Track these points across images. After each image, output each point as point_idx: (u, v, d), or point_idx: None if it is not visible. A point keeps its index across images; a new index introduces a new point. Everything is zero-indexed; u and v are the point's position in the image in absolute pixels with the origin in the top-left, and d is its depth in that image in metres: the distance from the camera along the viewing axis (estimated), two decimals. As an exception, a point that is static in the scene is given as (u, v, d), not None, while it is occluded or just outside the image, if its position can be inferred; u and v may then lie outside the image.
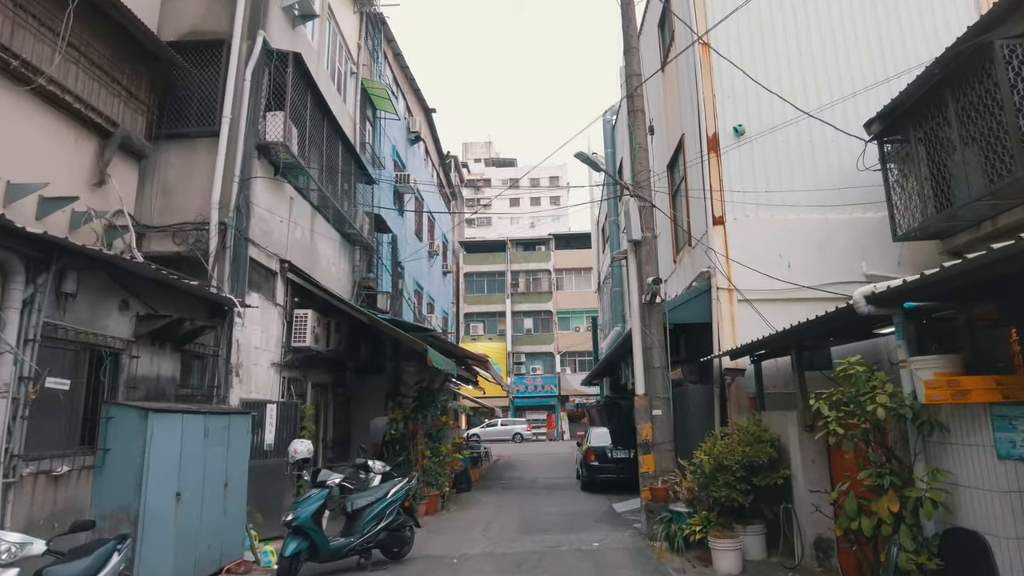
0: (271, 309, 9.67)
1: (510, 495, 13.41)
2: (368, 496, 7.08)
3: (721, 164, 9.64)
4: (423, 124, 22.98)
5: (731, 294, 9.21)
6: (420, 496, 10.59)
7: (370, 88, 15.88)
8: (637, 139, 9.39)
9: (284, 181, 10.29)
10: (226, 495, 6.98)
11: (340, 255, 13.32)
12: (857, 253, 9.30)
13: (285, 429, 9.33)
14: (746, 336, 8.58)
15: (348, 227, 13.22)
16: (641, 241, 8.99)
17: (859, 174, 9.32)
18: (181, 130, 8.93)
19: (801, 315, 6.47)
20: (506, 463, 22.71)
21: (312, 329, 9.98)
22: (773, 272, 9.11)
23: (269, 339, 9.57)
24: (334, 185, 12.22)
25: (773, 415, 7.17)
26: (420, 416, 11.28)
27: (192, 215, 8.60)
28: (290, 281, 10.21)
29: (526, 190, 72.45)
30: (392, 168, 18.58)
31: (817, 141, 9.69)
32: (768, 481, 6.30)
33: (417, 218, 22.09)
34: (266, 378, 9.41)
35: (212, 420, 6.80)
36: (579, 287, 45.82)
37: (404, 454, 11.02)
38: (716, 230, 9.40)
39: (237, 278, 8.58)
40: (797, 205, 9.46)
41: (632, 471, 13.48)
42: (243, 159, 8.89)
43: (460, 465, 13.21)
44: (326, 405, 12.22)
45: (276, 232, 9.93)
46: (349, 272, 13.99)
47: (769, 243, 9.33)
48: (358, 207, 13.59)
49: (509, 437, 38.19)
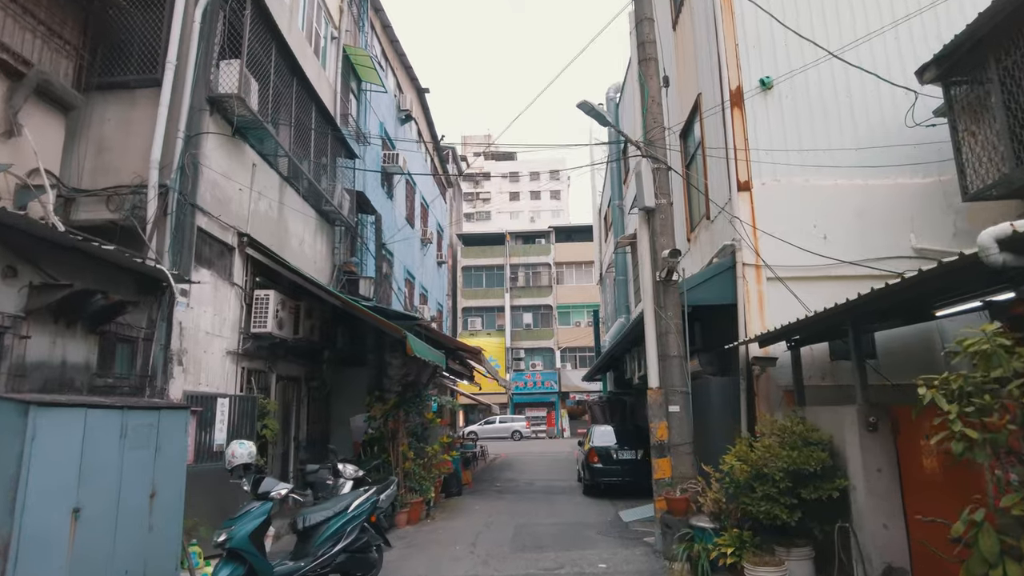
0: (226, 289, 8.40)
1: (504, 501, 12.15)
2: (325, 510, 5.80)
3: (746, 122, 8.36)
4: (415, 103, 21.68)
5: (759, 271, 7.93)
6: (401, 503, 9.33)
7: (353, 56, 14.59)
8: (650, 92, 8.10)
9: (244, 144, 9.01)
10: (153, 508, 5.71)
11: (317, 235, 12.04)
12: (904, 223, 8.01)
13: (242, 427, 8.06)
14: (776, 320, 7.31)
15: (326, 204, 11.94)
16: (655, 209, 7.71)
17: (906, 133, 8.05)
18: (118, 79, 7.65)
19: (840, 295, 5.27)
20: (503, 463, 21.46)
21: (275, 313, 8.71)
22: (807, 245, 7.84)
23: (224, 323, 8.29)
24: (307, 155, 10.93)
25: (820, 412, 5.88)
26: (402, 413, 10.00)
27: (131, 178, 7.32)
28: (250, 258, 8.93)
29: (526, 183, 71.25)
30: (380, 147, 17.29)
31: (856, 95, 8.40)
32: (819, 494, 5.03)
33: (408, 203, 20.81)
34: (220, 368, 8.14)
35: (134, 416, 5.52)
36: (580, 281, 44.54)
37: (383, 456, 9.75)
38: (741, 197, 8.11)
39: (181, 250, 7.30)
40: (834, 168, 8.18)
41: (640, 474, 12.25)
42: (190, 112, 7.61)
43: (449, 467, 11.95)
44: (298, 400, 10.95)
45: (234, 202, 8.65)
46: (328, 255, 12.71)
47: (802, 212, 8.05)
48: (337, 183, 12.30)
49: (508, 435, 36.98)
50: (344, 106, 14.27)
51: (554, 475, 16.81)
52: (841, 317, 5.35)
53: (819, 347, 7.59)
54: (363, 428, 11.13)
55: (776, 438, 5.55)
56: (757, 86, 8.49)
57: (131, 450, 5.46)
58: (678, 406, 7.15)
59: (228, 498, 7.43)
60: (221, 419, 7.66)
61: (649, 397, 7.40)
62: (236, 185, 8.71)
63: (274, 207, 10.03)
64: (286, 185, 10.56)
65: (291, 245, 10.61)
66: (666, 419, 7.20)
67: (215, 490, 7.28)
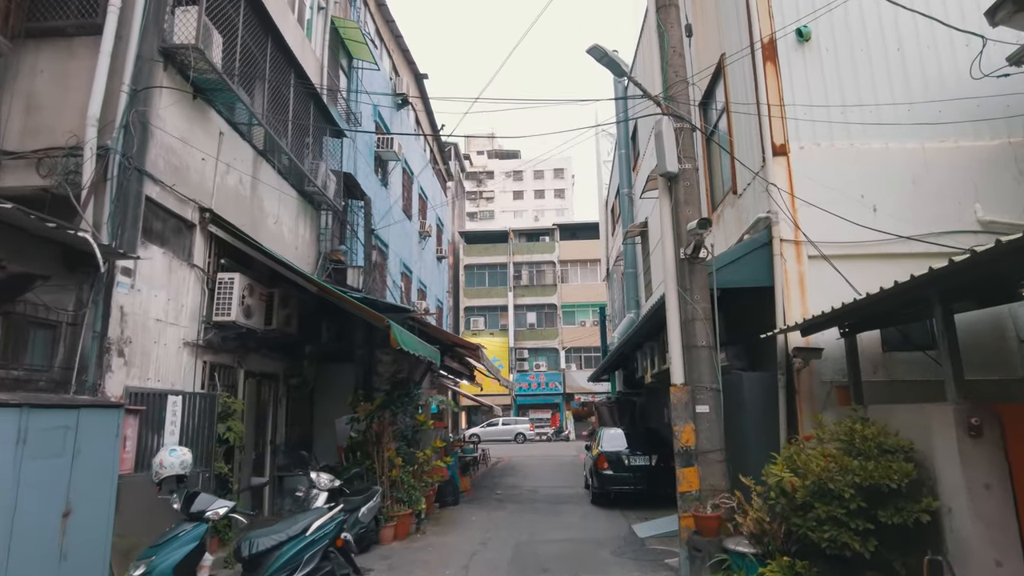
0: (184, 271, 7.33)
1: (505, 511, 11.03)
2: (276, 533, 4.71)
3: (781, 78, 7.24)
4: (412, 88, 20.61)
5: (799, 248, 6.81)
6: (386, 517, 8.23)
7: (342, 28, 13.53)
8: (670, 42, 7.00)
9: (209, 108, 7.95)
10: (67, 529, 4.66)
11: (299, 219, 10.98)
12: (967, 192, 6.88)
13: (199, 430, 7.00)
14: (818, 305, 6.21)
15: (308, 184, 10.88)
16: (678, 174, 6.60)
17: (968, 87, 6.93)
18: (53, 23, 6.60)
19: (892, 276, 4.20)
20: (505, 467, 20.34)
21: (240, 299, 7.64)
22: (854, 218, 6.73)
23: (181, 310, 7.22)
24: (286, 129, 9.87)
25: (894, 412, 4.74)
26: (389, 414, 8.91)
27: (66, 139, 6.26)
28: (215, 238, 7.86)
29: (530, 182, 70.28)
30: (373, 132, 16.24)
31: (908, 46, 7.28)
32: (903, 517, 3.90)
33: (406, 194, 19.74)
34: (175, 362, 7.07)
35: (39, 418, 4.46)
36: (585, 279, 43.37)
37: (367, 462, 8.65)
38: (777, 163, 7.00)
39: (124, 222, 6.24)
40: (883, 129, 7.06)
41: (654, 482, 11.13)
42: (137, 64, 6.56)
43: (444, 474, 10.85)
44: (275, 400, 9.88)
45: (194, 171, 7.59)
46: (312, 241, 11.64)
47: (847, 180, 6.93)
48: (322, 162, 11.23)
49: (511, 437, 35.82)
50: (332, 81, 13.22)
51: (559, 481, 15.69)
52: (920, 293, 4.22)
53: (869, 336, 6.47)
54: (348, 431, 10.06)
55: (839, 444, 4.42)
56: (793, 38, 7.38)
57: (34, 459, 4.40)
58: (707, 406, 6.04)
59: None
60: (172, 420, 6.58)
61: (672, 396, 6.28)
62: (198, 154, 7.64)
63: (246, 183, 8.97)
64: (261, 160, 9.50)
65: (267, 227, 9.55)
66: (692, 421, 6.09)
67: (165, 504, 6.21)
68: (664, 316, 6.80)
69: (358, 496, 7.73)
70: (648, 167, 12.93)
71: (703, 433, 6.03)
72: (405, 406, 9.36)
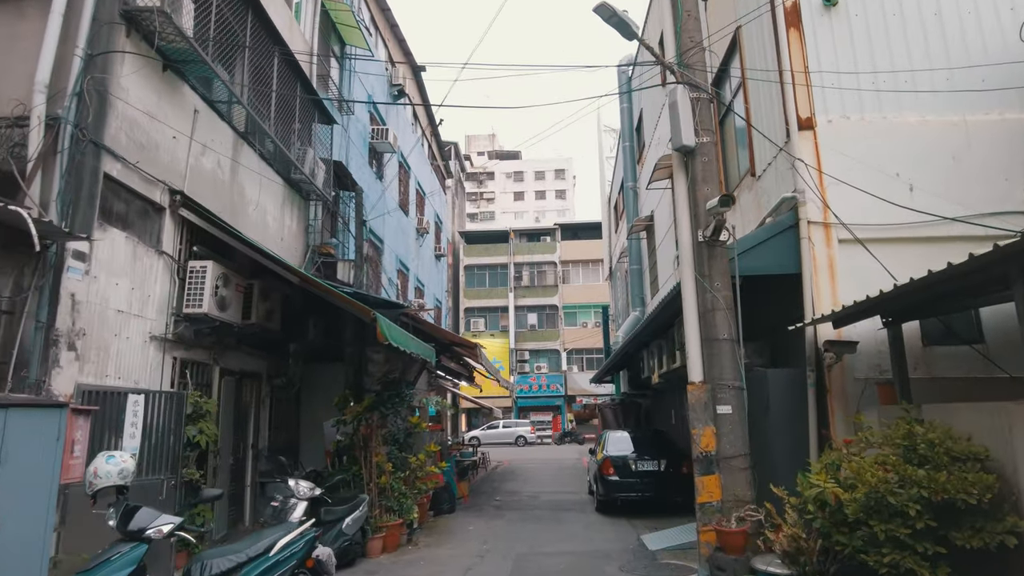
0: (151, 258, 6.67)
1: (504, 520, 10.35)
2: (234, 554, 4.03)
3: (806, 45, 6.59)
4: (409, 81, 19.97)
5: (828, 231, 6.15)
6: (374, 527, 7.56)
7: (334, 12, 12.90)
8: (684, 5, 6.35)
9: (181, 83, 7.31)
10: (-9, 548, 3.98)
11: (285, 208, 10.33)
12: (1015, 169, 6.23)
13: (164, 432, 6.32)
14: (850, 293, 5.56)
15: (295, 172, 10.24)
16: (695, 149, 5.94)
17: (1015, 51, 6.29)
18: (1, -17, 5.96)
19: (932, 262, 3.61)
20: (505, 471, 19.65)
21: (214, 289, 6.98)
22: (889, 198, 6.07)
23: (147, 301, 6.57)
24: (270, 111, 9.23)
25: (956, 413, 4.06)
26: (378, 416, 8.23)
27: (12, 108, 5.61)
28: (187, 223, 7.21)
29: (531, 183, 69.73)
30: (368, 122, 15.61)
31: (947, 9, 6.63)
32: (984, 540, 3.23)
33: (402, 188, 19.10)
34: (139, 357, 6.41)
35: (-47, 418, 3.80)
36: (587, 280, 42.69)
37: (353, 468, 7.98)
38: (803, 138, 6.34)
39: (77, 200, 5.58)
40: (920, 99, 6.41)
41: (663, 488, 10.44)
42: (94, 26, 5.91)
43: (439, 480, 10.17)
44: (258, 401, 9.22)
45: (164, 150, 6.94)
46: (300, 233, 11.00)
47: (880, 156, 6.28)
48: (310, 148, 10.59)
49: (512, 440, 35.09)
50: (323, 66, 12.59)
51: (561, 486, 15.00)
52: (996, 270, 3.55)
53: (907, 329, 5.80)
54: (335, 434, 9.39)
55: (895, 449, 3.75)
56: (818, 2, 6.73)
57: (-55, 466, 3.73)
58: (729, 406, 5.37)
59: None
60: (133, 422, 5.91)
61: (690, 395, 5.61)
62: (168, 131, 7.00)
63: (225, 167, 8.32)
64: (242, 144, 8.86)
65: (247, 215, 8.90)
66: (713, 423, 5.42)
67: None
68: (675, 310, 6.18)
69: (342, 505, 7.07)
70: (655, 156, 12.29)
71: (725, 437, 5.36)
72: (396, 407, 8.68)
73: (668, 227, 12.96)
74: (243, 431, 8.93)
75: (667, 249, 13.32)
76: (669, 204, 12.88)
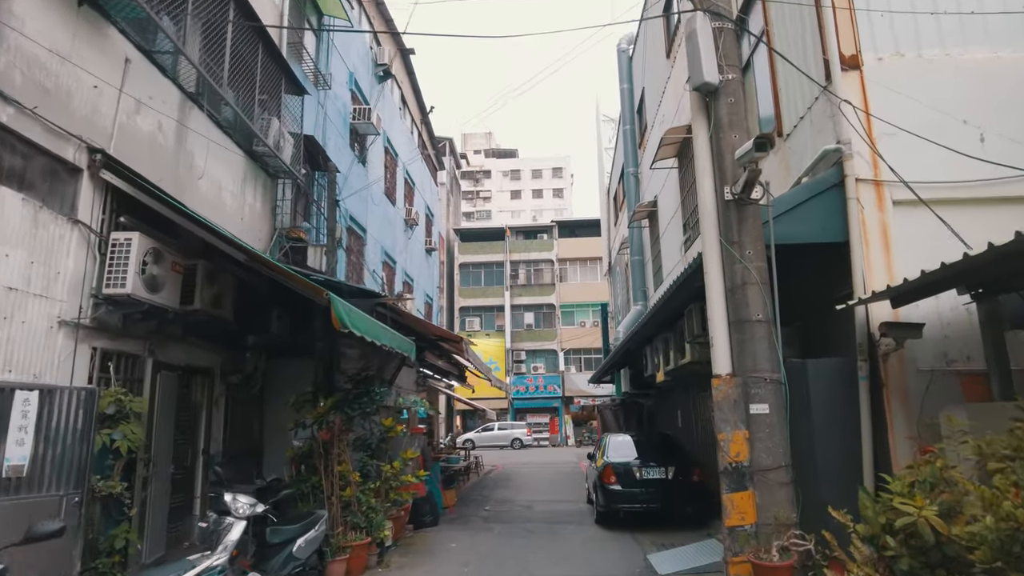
0: (62, 227, 5.54)
1: (492, 534, 9.22)
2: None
3: (848, -30, 5.48)
4: (396, 61, 18.87)
5: (880, 191, 5.05)
6: (335, 549, 6.42)
7: (308, -26, 11.80)
8: (703, -81, 5.23)
9: (106, 23, 6.18)
10: None
11: (246, 184, 9.21)
12: (1108, 117, 5.12)
13: (71, 437, 5.18)
14: (908, 265, 4.47)
15: (258, 144, 9.12)
16: (719, 88, 4.84)
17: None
18: None
19: (1011, 224, 2.79)
20: (499, 476, 18.50)
21: (141, 266, 5.84)
22: (956, 148, 4.97)
23: (54, 278, 5.43)
24: (224, 70, 8.10)
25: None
26: (341, 419, 7.10)
27: None
28: (113, 189, 6.07)
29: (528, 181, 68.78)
30: (349, 101, 14.49)
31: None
32: None
33: (389, 175, 17.98)
34: (40, 346, 5.27)
35: None
36: (585, 279, 41.60)
37: (313, 478, 6.84)
38: (847, 80, 5.22)
39: (-54, 148, 4.45)
40: (988, 27, 5.30)
41: (670, 499, 9.33)
42: (-23, -64, 4.79)
43: (420, 490, 9.03)
44: (210, 400, 8.07)
45: (82, 101, 5.81)
46: (265, 214, 9.88)
47: (942, 101, 5.17)
48: (275, 119, 9.47)
49: (507, 443, 33.96)
50: (295, 35, 11.48)
51: (558, 494, 13.86)
52: None
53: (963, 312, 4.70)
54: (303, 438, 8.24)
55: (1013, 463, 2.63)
56: (862, -78, 5.62)
57: None
58: (766, 404, 4.26)
59: (42, 551, 4.53)
60: (23, 425, 4.77)
61: (715, 391, 4.49)
62: (87, 79, 5.86)
63: (168, 131, 7.20)
64: (192, 107, 7.74)
65: (197, 188, 7.77)
66: (745, 426, 4.29)
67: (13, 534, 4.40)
68: (689, 294, 5.09)
69: (294, 524, 5.94)
70: (659, 136, 11.20)
71: (760, 443, 4.25)
72: (364, 408, 7.52)
73: (674, 212, 11.86)
74: (191, 435, 7.79)
75: (672, 237, 12.22)
76: (675, 187, 11.78)
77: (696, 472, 9.33)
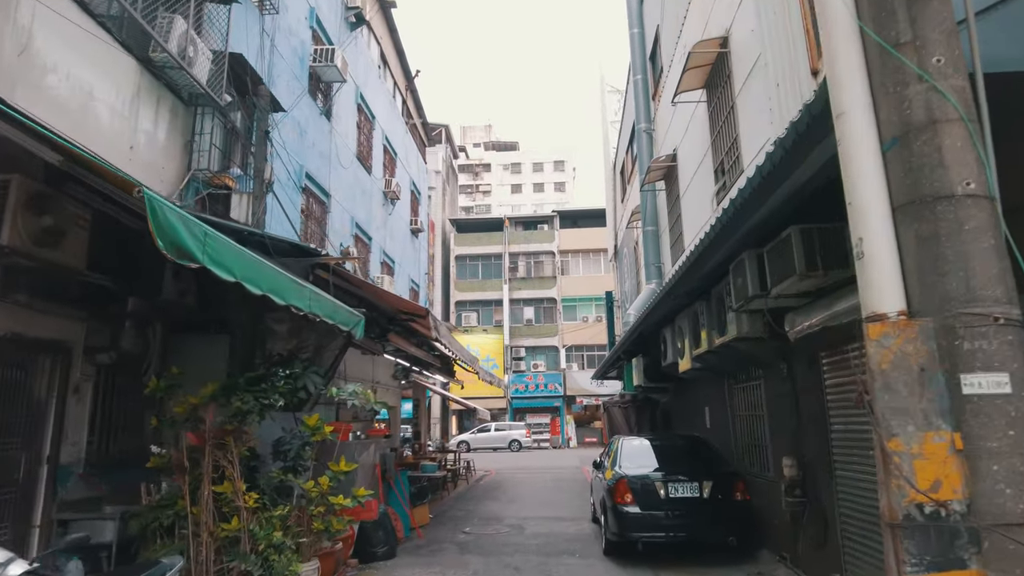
0: None
1: (465, 573, 6.87)
2: None
3: None
4: (375, 15, 16.55)
5: None
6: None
7: None
8: None
9: None
10: None
11: (140, 104, 6.90)
12: None
13: None
14: None
15: (155, 49, 6.81)
16: None
17: None
18: None
19: None
20: (490, 484, 16.16)
21: None
22: None
23: None
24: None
25: None
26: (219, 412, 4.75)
27: None
28: None
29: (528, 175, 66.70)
30: (310, 40, 12.18)
31: None
32: None
33: (363, 138, 15.65)
34: None
35: None
36: (588, 271, 39.27)
37: (178, 504, 4.49)
38: None
39: None
40: None
41: (704, 525, 6.99)
42: None
43: (368, 513, 6.68)
44: (63, 386, 5.74)
45: None
46: (175, 149, 7.57)
47: None
48: (179, 18, 7.15)
49: (505, 444, 31.63)
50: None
51: (557, 509, 11.50)
52: None
53: None
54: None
55: None
56: None
57: None
58: (1004, 372, 1.88)
59: None
60: None
61: (871, 351, 2.11)
62: None
63: (-23, -13, 4.88)
64: (33, -30, 5.41)
65: (44, 87, 5.45)
66: (950, 423, 1.93)
67: None
68: (756, 223, 2.67)
69: None
70: (679, 69, 8.88)
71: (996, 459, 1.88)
72: (261, 399, 5.13)
73: (701, 159, 9.51)
74: (31, 437, 5.47)
75: (698, 192, 9.86)
76: (701, 127, 9.43)
77: (739, 487, 6.99)
